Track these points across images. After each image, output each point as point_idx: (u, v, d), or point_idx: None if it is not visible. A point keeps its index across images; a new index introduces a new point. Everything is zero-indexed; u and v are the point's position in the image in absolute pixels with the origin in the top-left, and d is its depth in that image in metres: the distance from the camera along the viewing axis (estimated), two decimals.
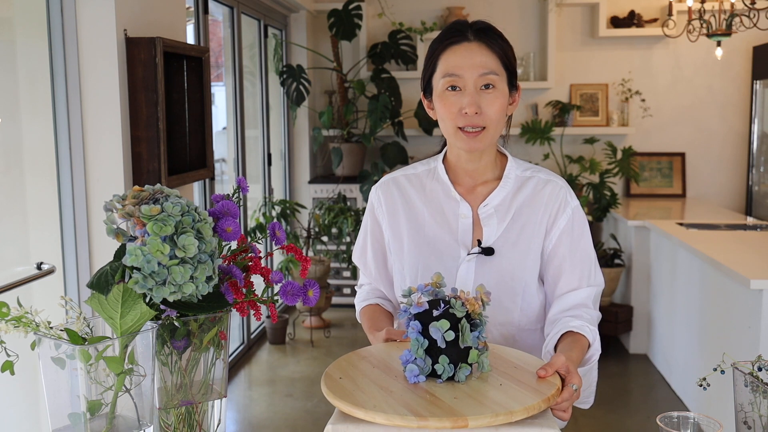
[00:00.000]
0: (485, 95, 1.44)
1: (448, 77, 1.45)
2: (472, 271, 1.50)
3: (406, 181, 1.60)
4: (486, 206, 1.52)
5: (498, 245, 1.50)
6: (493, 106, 1.44)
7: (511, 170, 1.55)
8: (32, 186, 2.53)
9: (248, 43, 4.92)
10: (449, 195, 1.55)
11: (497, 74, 1.45)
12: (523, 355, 1.28)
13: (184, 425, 1.11)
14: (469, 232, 1.52)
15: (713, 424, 1.09)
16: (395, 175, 1.62)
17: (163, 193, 1.04)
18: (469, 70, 1.44)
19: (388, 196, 1.60)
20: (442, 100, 1.47)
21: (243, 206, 4.45)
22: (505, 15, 5.59)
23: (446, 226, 1.54)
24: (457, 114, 1.45)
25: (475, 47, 1.46)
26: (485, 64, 1.44)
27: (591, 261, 1.52)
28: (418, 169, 1.61)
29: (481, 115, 1.44)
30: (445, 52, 1.47)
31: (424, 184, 1.58)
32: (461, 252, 1.51)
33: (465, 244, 1.52)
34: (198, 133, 2.92)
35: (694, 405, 3.63)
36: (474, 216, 1.53)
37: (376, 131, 5.23)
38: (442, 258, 1.52)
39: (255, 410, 3.84)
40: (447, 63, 1.46)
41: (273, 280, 1.15)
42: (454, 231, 1.53)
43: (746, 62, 5.46)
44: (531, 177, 1.55)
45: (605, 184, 4.95)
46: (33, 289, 2.40)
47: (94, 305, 0.99)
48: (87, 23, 2.43)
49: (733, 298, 3.12)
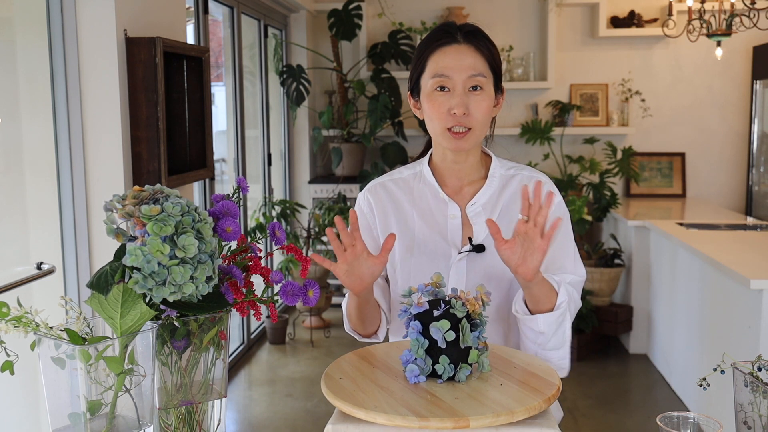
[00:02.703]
0: (473, 96, 1.47)
1: (437, 78, 1.48)
2: (463, 270, 1.52)
3: (394, 185, 1.62)
4: (474, 205, 1.55)
5: (488, 242, 1.52)
6: (480, 107, 1.47)
7: (496, 169, 1.58)
8: (32, 186, 2.53)
9: (248, 43, 4.92)
10: (437, 197, 1.57)
11: (485, 76, 1.48)
12: (523, 355, 1.29)
13: (184, 425, 1.11)
14: (459, 232, 1.55)
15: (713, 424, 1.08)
16: (382, 180, 1.64)
17: (163, 193, 1.04)
18: (459, 71, 1.46)
19: (378, 200, 1.61)
20: (431, 101, 1.49)
21: (243, 206, 4.45)
22: (505, 15, 5.59)
23: (436, 227, 1.55)
24: (446, 114, 1.47)
25: (464, 49, 1.48)
26: (474, 65, 1.47)
27: (573, 253, 1.55)
28: (404, 173, 1.63)
29: (469, 116, 1.46)
30: (435, 53, 1.50)
31: (411, 188, 1.60)
32: (452, 252, 1.53)
33: (455, 244, 1.54)
34: (198, 133, 2.92)
35: (694, 405, 3.63)
36: (462, 216, 1.55)
37: (376, 131, 5.23)
38: (433, 259, 1.54)
39: (255, 410, 3.84)
40: (436, 64, 1.49)
41: (273, 280, 1.15)
42: (443, 232, 1.55)
43: (746, 62, 5.46)
44: (515, 175, 1.58)
45: (605, 184, 4.95)
46: (33, 289, 2.40)
47: (94, 305, 0.99)
48: (87, 23, 2.43)
49: (733, 298, 3.12)
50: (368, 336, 1.59)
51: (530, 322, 1.45)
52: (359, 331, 1.58)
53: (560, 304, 1.44)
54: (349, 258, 1.36)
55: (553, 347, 1.47)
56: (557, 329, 1.45)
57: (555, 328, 1.44)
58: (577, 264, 1.55)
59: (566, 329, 1.47)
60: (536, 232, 1.33)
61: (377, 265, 1.37)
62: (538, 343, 1.47)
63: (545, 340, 1.46)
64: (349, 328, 1.60)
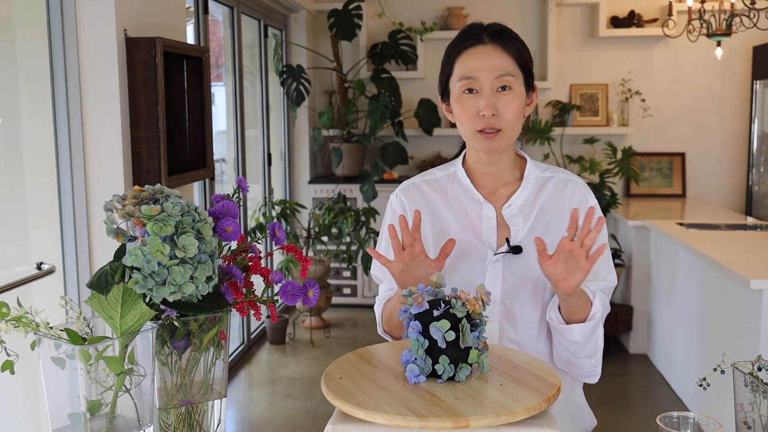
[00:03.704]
0: (502, 97, 1.45)
1: (465, 80, 1.46)
2: (499, 271, 1.50)
3: (427, 186, 1.60)
4: (510, 207, 1.53)
5: (524, 244, 1.50)
6: (510, 107, 1.45)
7: (531, 171, 1.56)
8: (32, 186, 2.53)
9: (248, 43, 4.92)
10: (472, 197, 1.55)
11: (513, 75, 1.46)
12: (523, 355, 1.29)
13: (184, 425, 1.11)
14: (494, 234, 1.52)
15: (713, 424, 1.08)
16: (415, 180, 1.62)
17: (163, 193, 1.04)
18: (485, 72, 1.45)
19: (411, 200, 1.59)
20: (460, 103, 1.48)
21: (243, 206, 4.45)
22: (505, 15, 5.59)
23: (471, 228, 1.53)
24: (475, 116, 1.45)
25: (490, 49, 1.47)
26: (501, 66, 1.45)
27: (607, 259, 1.53)
28: (437, 174, 1.61)
29: (498, 117, 1.45)
30: (461, 56, 1.48)
31: (445, 188, 1.58)
32: (488, 253, 1.51)
33: (491, 245, 1.52)
34: (198, 133, 2.92)
35: (694, 405, 3.63)
36: (498, 217, 1.53)
37: (376, 131, 5.23)
38: (469, 260, 1.52)
39: (255, 410, 3.84)
40: (463, 66, 1.47)
41: (273, 280, 1.15)
42: (478, 233, 1.53)
43: (746, 62, 5.46)
44: (551, 177, 1.56)
45: (605, 184, 4.95)
46: (33, 289, 2.40)
47: (94, 305, 0.99)
48: (87, 23, 2.43)
49: (733, 298, 3.12)
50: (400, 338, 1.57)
51: (565, 331, 1.44)
52: (395, 334, 1.56)
53: (594, 314, 1.43)
54: (407, 258, 1.35)
55: (585, 355, 1.47)
56: (590, 338, 1.44)
57: (588, 338, 1.44)
58: (609, 270, 1.53)
59: (599, 337, 1.46)
60: (582, 252, 1.32)
61: (433, 268, 1.36)
62: (572, 351, 1.46)
63: (578, 349, 1.45)
64: (383, 330, 1.58)
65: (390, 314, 1.54)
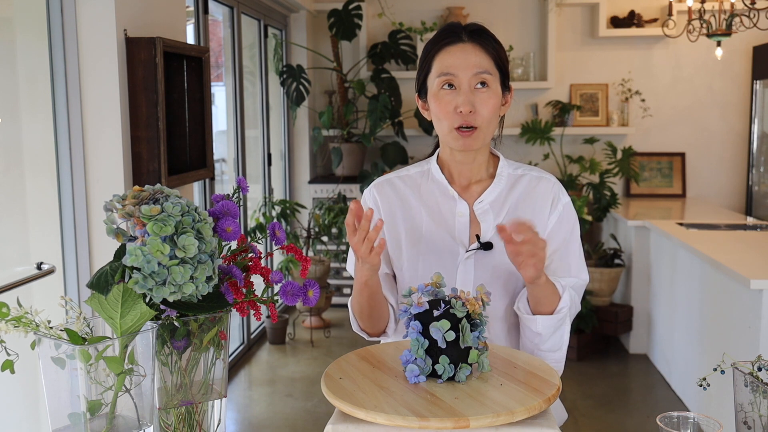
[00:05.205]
0: (479, 94, 1.47)
1: (443, 76, 1.48)
2: (471, 267, 1.52)
3: (401, 182, 1.61)
4: (481, 203, 1.55)
5: (495, 240, 1.51)
6: (487, 105, 1.47)
7: (504, 169, 1.58)
8: (32, 186, 2.53)
9: (248, 43, 4.92)
10: (446, 194, 1.56)
11: (491, 74, 1.48)
12: (523, 355, 1.29)
13: (184, 425, 1.11)
14: (467, 230, 1.54)
15: (713, 424, 1.08)
16: (389, 176, 1.64)
17: (163, 193, 1.04)
18: (464, 69, 1.47)
19: (384, 196, 1.60)
20: (437, 99, 1.49)
21: (243, 206, 4.45)
22: (505, 15, 5.59)
23: (444, 224, 1.55)
24: (453, 112, 1.47)
25: (469, 48, 1.49)
26: (479, 63, 1.48)
27: (578, 256, 1.55)
28: (411, 171, 1.63)
29: (475, 114, 1.46)
30: (440, 53, 1.50)
31: (419, 185, 1.60)
32: (460, 250, 1.53)
33: (463, 242, 1.54)
34: (198, 133, 2.92)
35: (694, 405, 3.63)
36: (470, 214, 1.55)
37: (376, 131, 5.23)
38: (441, 256, 1.54)
39: (255, 410, 3.84)
40: (442, 63, 1.49)
41: (273, 280, 1.15)
42: (451, 229, 1.55)
43: (746, 62, 5.46)
44: (523, 174, 1.58)
45: (605, 184, 4.95)
46: (33, 289, 2.40)
47: (94, 305, 0.99)
48: (87, 23, 2.43)
49: (733, 298, 3.12)
50: (377, 335, 1.58)
51: (529, 321, 1.46)
52: (368, 330, 1.56)
53: (561, 308, 1.45)
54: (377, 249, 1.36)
55: (548, 349, 1.48)
56: (554, 332, 1.46)
57: (552, 331, 1.45)
58: (581, 267, 1.55)
59: (564, 333, 1.48)
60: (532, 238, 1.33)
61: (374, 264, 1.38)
62: (535, 343, 1.48)
63: (541, 341, 1.47)
64: (357, 327, 1.58)
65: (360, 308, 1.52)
